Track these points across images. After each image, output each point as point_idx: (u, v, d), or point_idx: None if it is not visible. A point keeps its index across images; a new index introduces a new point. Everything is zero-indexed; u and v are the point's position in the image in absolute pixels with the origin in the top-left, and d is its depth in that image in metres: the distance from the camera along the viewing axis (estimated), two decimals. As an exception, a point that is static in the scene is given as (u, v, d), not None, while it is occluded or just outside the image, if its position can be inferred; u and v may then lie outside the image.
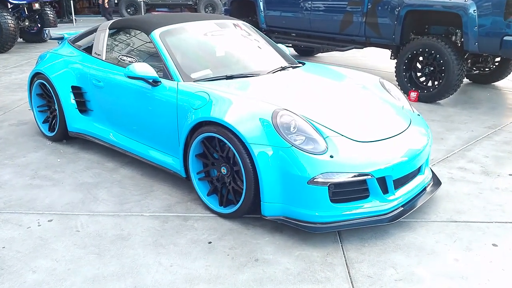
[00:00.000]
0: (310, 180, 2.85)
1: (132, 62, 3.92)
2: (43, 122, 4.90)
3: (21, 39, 11.86)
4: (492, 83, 7.64)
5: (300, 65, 4.30)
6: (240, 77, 3.73)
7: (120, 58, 4.11)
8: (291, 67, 4.17)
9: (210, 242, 3.01)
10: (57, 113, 4.56)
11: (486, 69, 7.40)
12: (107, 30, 4.39)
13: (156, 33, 3.88)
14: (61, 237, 3.07)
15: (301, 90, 3.65)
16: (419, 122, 3.67)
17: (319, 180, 2.85)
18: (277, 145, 2.92)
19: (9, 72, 8.53)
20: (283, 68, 4.06)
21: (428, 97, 6.45)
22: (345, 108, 3.47)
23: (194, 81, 3.57)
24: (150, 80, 3.61)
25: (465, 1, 5.81)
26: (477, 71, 7.33)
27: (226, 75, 3.70)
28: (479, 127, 5.40)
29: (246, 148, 2.98)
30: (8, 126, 5.36)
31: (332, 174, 2.88)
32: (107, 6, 15.48)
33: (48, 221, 3.28)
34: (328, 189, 2.89)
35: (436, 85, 6.38)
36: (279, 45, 4.75)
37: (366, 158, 3.00)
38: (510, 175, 4.10)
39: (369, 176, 2.95)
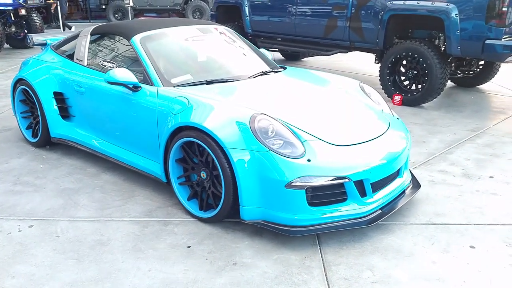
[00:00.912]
0: (288, 183, 2.87)
1: (113, 67, 3.93)
2: (27, 128, 4.89)
3: (8, 45, 11.80)
4: (477, 86, 7.71)
5: (282, 69, 4.33)
6: (220, 82, 3.75)
7: (101, 64, 4.12)
8: (272, 71, 4.20)
9: (189, 247, 3.02)
10: (40, 119, 4.55)
11: (471, 73, 7.48)
12: (89, 36, 4.39)
13: (137, 39, 3.89)
14: (41, 243, 3.07)
15: (281, 95, 3.68)
16: (398, 125, 3.71)
17: (297, 183, 2.87)
18: (254, 149, 2.94)
19: (-6, 78, 8.49)
20: (264, 73, 4.09)
21: (412, 100, 6.51)
22: (324, 112, 3.50)
23: (174, 86, 3.59)
24: (130, 86, 3.63)
25: (447, 5, 5.88)
26: (461, 75, 7.41)
27: (206, 80, 3.72)
28: (462, 130, 5.46)
29: (224, 153, 3.00)
30: (-9, 132, 5.34)
31: (310, 177, 2.90)
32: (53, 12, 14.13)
33: (28, 227, 3.27)
34: (306, 192, 2.91)
35: (420, 88, 6.44)
36: (262, 50, 4.78)
37: (344, 162, 3.03)
38: (490, 177, 4.15)
39: (346, 180, 2.98)
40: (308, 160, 2.93)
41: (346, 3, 7.04)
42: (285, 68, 4.40)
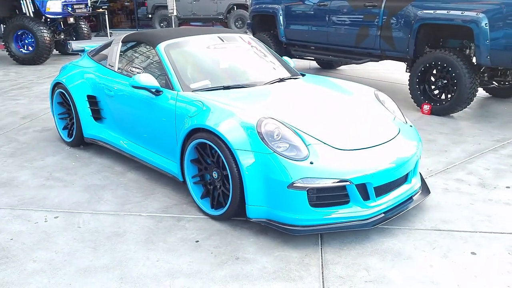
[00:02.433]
0: (290, 184, 3.02)
1: (140, 73, 4.20)
2: (63, 129, 5.25)
3: (57, 51, 12.51)
4: (513, 97, 7.57)
5: (300, 76, 4.48)
6: (237, 87, 3.95)
7: (129, 69, 4.41)
8: (290, 78, 4.36)
9: (197, 241, 3.21)
10: (75, 120, 4.89)
11: (506, 83, 7.34)
12: (120, 43, 4.71)
13: (161, 46, 4.15)
14: (63, 232, 3.35)
15: (293, 100, 3.84)
16: (409, 132, 3.77)
17: (298, 184, 3.01)
18: (260, 151, 3.11)
19: (42, 82, 9.06)
20: (281, 80, 4.25)
21: (441, 110, 6.48)
22: (332, 117, 3.63)
23: (192, 91, 3.81)
24: (153, 90, 3.88)
25: (476, 14, 5.85)
26: (496, 85, 7.28)
27: (223, 86, 3.92)
28: (487, 141, 5.41)
29: (232, 154, 3.18)
30: (32, 132, 5.76)
31: (312, 179, 3.03)
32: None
33: (54, 218, 3.57)
34: (308, 193, 3.04)
35: (449, 98, 6.41)
36: (284, 57, 4.94)
37: (346, 165, 3.14)
38: (507, 187, 4.12)
39: (348, 183, 3.09)
40: (311, 163, 3.07)
41: (377, 12, 7.10)
42: (304, 75, 4.55)
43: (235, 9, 18.22)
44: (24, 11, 11.06)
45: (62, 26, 11.91)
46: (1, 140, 5.47)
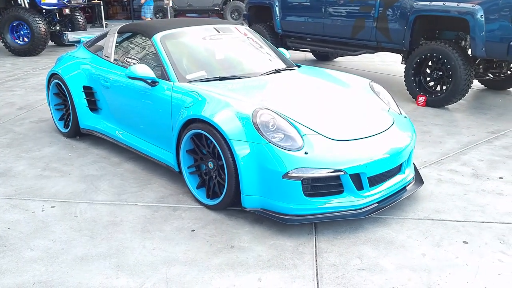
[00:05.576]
0: (285, 174, 3.05)
1: (136, 63, 4.21)
2: (59, 120, 5.26)
3: (53, 42, 12.46)
4: (508, 89, 7.61)
5: (296, 68, 4.50)
6: (232, 78, 3.96)
7: (125, 60, 4.42)
8: (286, 69, 4.37)
9: (193, 230, 3.25)
10: (71, 111, 4.90)
11: (501, 75, 7.39)
12: (116, 34, 4.71)
13: (157, 37, 4.16)
14: (60, 221, 3.38)
15: (288, 91, 3.86)
16: (403, 123, 3.80)
17: (293, 174, 3.04)
18: (255, 142, 3.14)
19: (38, 73, 9.04)
20: (277, 71, 4.27)
21: (436, 101, 6.52)
22: (327, 108, 3.65)
23: (188, 82, 3.83)
24: (149, 81, 3.89)
25: (472, 6, 5.87)
26: (492, 77, 7.32)
27: (219, 77, 3.94)
28: (482, 132, 5.46)
29: (228, 144, 3.21)
30: (29, 123, 5.77)
31: (306, 169, 3.07)
32: None
33: (51, 207, 3.59)
34: (302, 183, 3.07)
35: (444, 90, 6.44)
36: (280, 49, 4.96)
37: (341, 156, 3.17)
38: (500, 178, 4.17)
39: (342, 173, 3.12)
40: (306, 153, 3.10)
41: (373, 4, 7.12)
42: (299, 67, 4.57)
43: (231, 0, 18.16)
44: (19, 2, 11.00)
45: (58, 17, 11.87)
46: (-2, 131, 5.49)
